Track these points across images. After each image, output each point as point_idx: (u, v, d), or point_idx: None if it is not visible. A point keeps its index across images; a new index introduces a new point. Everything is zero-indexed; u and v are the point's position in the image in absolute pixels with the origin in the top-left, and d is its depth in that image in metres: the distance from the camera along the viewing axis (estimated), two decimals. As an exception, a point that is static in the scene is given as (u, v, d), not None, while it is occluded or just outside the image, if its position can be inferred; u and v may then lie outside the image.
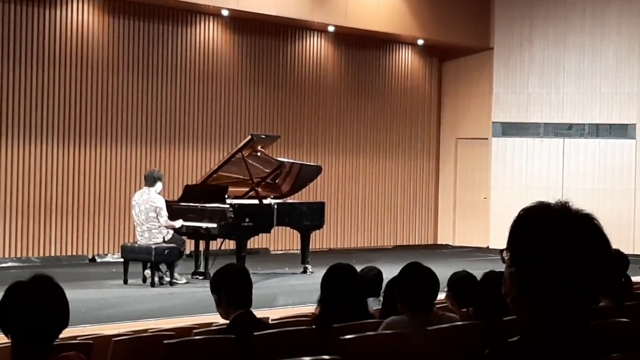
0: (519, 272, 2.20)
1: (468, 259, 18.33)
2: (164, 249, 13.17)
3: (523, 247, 2.20)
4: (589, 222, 2.21)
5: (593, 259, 2.17)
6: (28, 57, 15.60)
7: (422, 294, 5.32)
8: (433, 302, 5.42)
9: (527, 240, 2.20)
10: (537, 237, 2.18)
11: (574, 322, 2.17)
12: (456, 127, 22.01)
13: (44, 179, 15.84)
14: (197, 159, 17.69)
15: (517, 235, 2.23)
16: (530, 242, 2.19)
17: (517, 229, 2.23)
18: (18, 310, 3.28)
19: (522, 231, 2.21)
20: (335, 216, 19.69)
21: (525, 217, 2.23)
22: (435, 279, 5.38)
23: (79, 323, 9.09)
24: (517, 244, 2.22)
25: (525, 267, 2.19)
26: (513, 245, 2.23)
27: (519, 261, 2.20)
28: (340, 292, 5.65)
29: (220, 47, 18.08)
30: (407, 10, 19.82)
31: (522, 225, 2.22)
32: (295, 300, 12.05)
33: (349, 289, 5.69)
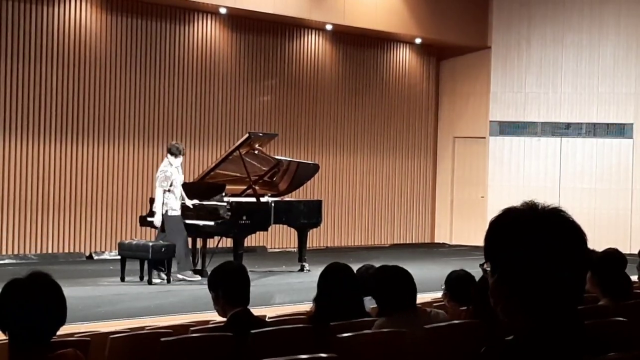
0: (501, 279, 2.21)
1: (465, 257, 18.32)
2: (161, 247, 13.18)
3: (499, 253, 2.22)
4: (557, 216, 2.22)
5: (566, 251, 2.18)
6: (26, 55, 15.59)
7: (400, 294, 5.33)
8: (414, 300, 5.42)
9: (501, 246, 2.22)
10: (510, 240, 2.20)
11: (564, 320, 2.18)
12: (454, 125, 22.02)
13: (41, 176, 15.83)
14: (195, 156, 17.68)
15: (491, 244, 2.24)
16: (505, 246, 2.20)
17: (491, 238, 2.25)
18: (15, 307, 3.28)
19: (494, 238, 2.23)
20: (333, 214, 19.70)
21: (495, 225, 2.25)
22: (409, 278, 5.40)
23: (76, 320, 9.08)
24: (493, 251, 2.23)
25: (505, 272, 2.20)
26: (490, 254, 2.24)
27: (498, 268, 2.22)
28: (336, 291, 5.65)
29: (218, 45, 18.08)
30: (404, 9, 19.82)
31: (494, 233, 2.24)
32: (292, 298, 12.05)
33: (345, 288, 5.69)
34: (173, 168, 13.39)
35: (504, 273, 2.21)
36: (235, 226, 13.49)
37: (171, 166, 13.39)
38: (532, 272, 2.17)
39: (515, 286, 2.19)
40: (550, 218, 2.21)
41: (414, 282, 5.41)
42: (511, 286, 2.20)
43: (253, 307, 5.37)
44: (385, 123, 21.00)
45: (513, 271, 2.19)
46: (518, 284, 2.18)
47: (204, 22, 17.87)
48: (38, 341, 3.27)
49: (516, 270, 2.18)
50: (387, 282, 5.37)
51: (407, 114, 21.49)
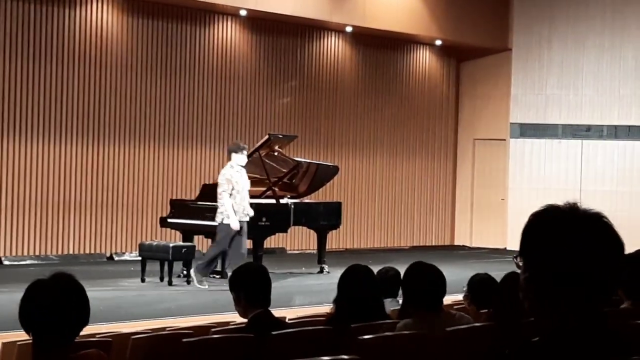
0: (533, 275, 2.21)
1: (485, 260, 18.29)
2: (181, 248, 13.21)
3: (535, 250, 2.22)
4: (598, 220, 2.22)
5: (603, 256, 2.18)
6: (48, 57, 15.66)
7: (428, 293, 5.29)
8: (441, 301, 5.39)
9: (538, 243, 2.21)
10: (547, 238, 2.20)
11: (593, 322, 2.18)
12: (474, 127, 21.97)
13: (62, 177, 15.90)
14: (215, 158, 17.71)
15: (528, 240, 2.24)
16: (541, 244, 2.20)
17: (528, 233, 2.24)
18: (39, 308, 3.30)
19: (532, 234, 2.23)
20: (352, 216, 19.68)
21: (534, 221, 2.24)
22: (441, 278, 5.35)
23: (97, 321, 9.10)
24: (529, 247, 2.23)
25: (538, 269, 2.20)
26: (525, 249, 2.24)
27: (533, 264, 2.22)
28: (356, 293, 5.65)
29: (238, 47, 18.11)
30: (425, 11, 19.79)
31: (532, 229, 2.24)
32: (312, 300, 12.05)
33: (365, 290, 5.69)
34: (234, 171, 13.06)
35: (538, 269, 2.21)
36: (255, 228, 13.49)
37: (232, 168, 13.09)
38: (567, 271, 2.17)
39: (547, 284, 2.19)
40: (591, 221, 2.21)
41: (446, 283, 5.36)
42: (543, 283, 2.20)
43: (273, 309, 5.38)
44: (405, 125, 20.98)
45: (547, 269, 2.19)
46: (550, 281, 2.18)
47: (224, 24, 17.90)
48: (61, 341, 3.29)
49: (551, 268, 2.18)
50: (418, 279, 5.32)
51: (427, 116, 21.46)
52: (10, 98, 15.28)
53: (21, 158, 15.44)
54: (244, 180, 13.10)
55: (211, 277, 13.88)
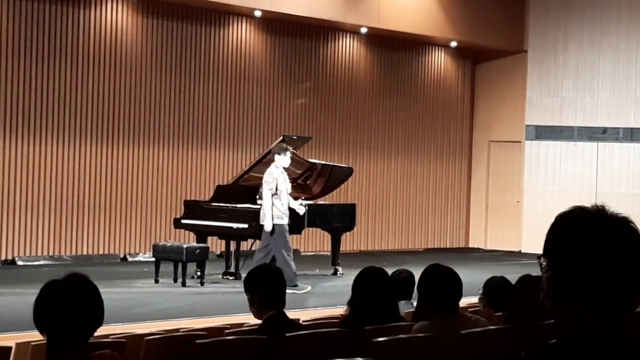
0: (556, 274, 2.20)
1: (500, 263, 18.26)
2: (195, 249, 13.21)
3: (559, 250, 2.21)
4: (624, 224, 2.22)
5: (628, 259, 2.17)
6: (63, 57, 15.70)
7: (444, 295, 5.27)
8: (457, 303, 5.37)
9: (563, 242, 2.21)
10: (573, 238, 2.20)
11: (613, 324, 2.17)
12: (489, 129, 21.93)
13: (77, 177, 15.92)
14: (229, 159, 17.72)
15: (553, 239, 2.24)
16: (566, 244, 2.20)
17: (554, 233, 2.24)
18: (53, 308, 3.29)
19: (558, 234, 2.23)
20: (366, 218, 19.66)
21: (561, 221, 2.24)
22: (457, 280, 5.33)
23: (111, 321, 9.11)
24: (554, 246, 2.23)
25: (561, 269, 2.19)
26: (549, 249, 2.24)
27: (556, 264, 2.21)
28: (370, 295, 5.63)
29: (253, 48, 18.11)
30: (440, 12, 19.76)
31: (559, 229, 2.23)
32: (326, 302, 12.03)
33: (379, 292, 5.67)
34: (279, 172, 13.08)
35: (561, 270, 2.20)
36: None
37: (277, 169, 13.10)
38: (589, 273, 2.16)
39: (567, 284, 2.18)
40: (618, 224, 2.21)
41: (462, 285, 5.34)
42: (564, 283, 2.19)
43: (286, 310, 5.36)
44: (420, 127, 20.95)
45: (570, 269, 2.18)
46: (571, 282, 2.17)
47: (239, 25, 17.91)
48: (75, 342, 3.28)
49: (573, 269, 2.17)
50: (434, 281, 5.30)
51: (442, 118, 21.42)
52: (25, 98, 15.31)
53: (35, 158, 15.48)
54: (286, 183, 13.16)
55: (224, 278, 13.90)
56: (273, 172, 13.06)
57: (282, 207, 13.01)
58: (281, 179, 13.04)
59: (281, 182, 13.01)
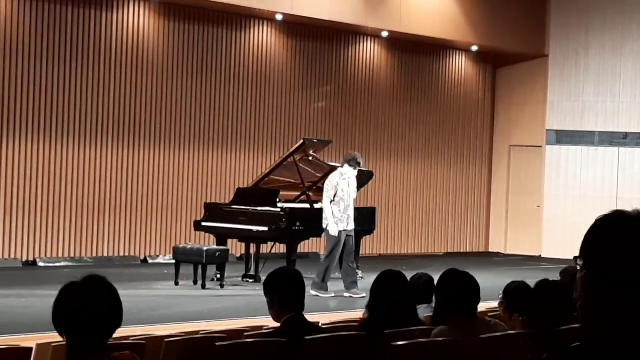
0: (590, 274, 2.21)
1: (520, 267, 18.20)
2: (215, 252, 13.24)
3: (598, 251, 2.22)
4: None
5: None
6: (85, 60, 15.77)
7: (463, 300, 5.26)
8: (475, 308, 5.36)
9: (600, 243, 2.22)
10: (613, 241, 2.20)
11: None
12: (510, 134, 21.88)
13: (97, 180, 15.99)
14: (250, 162, 17.75)
15: (591, 240, 2.25)
16: (606, 246, 2.21)
17: (592, 235, 2.25)
18: (72, 310, 3.30)
19: (596, 235, 2.24)
20: (386, 222, 19.65)
21: (600, 223, 2.25)
22: (474, 285, 5.32)
23: (131, 323, 9.13)
24: (592, 248, 2.23)
25: (599, 270, 2.20)
26: (587, 250, 2.25)
27: (593, 265, 2.21)
28: (389, 299, 5.63)
29: (274, 51, 18.14)
30: (461, 16, 19.74)
31: (597, 231, 2.25)
32: (345, 305, 12.03)
33: (398, 296, 5.67)
34: (342, 179, 13.06)
35: (599, 272, 2.20)
36: (289, 232, 13.49)
37: (341, 176, 13.10)
38: (632, 276, 2.16)
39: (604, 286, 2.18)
40: None
41: (479, 290, 5.33)
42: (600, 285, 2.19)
43: (305, 314, 5.36)
44: (440, 131, 20.92)
45: (610, 272, 2.19)
46: (612, 285, 2.18)
47: (260, 28, 17.94)
48: (95, 344, 3.29)
49: (612, 271, 2.18)
50: (452, 286, 5.30)
51: (462, 122, 21.39)
52: (47, 100, 15.39)
53: (57, 160, 15.55)
54: (350, 189, 13.14)
55: (244, 280, 13.93)
56: (332, 179, 13.12)
57: (338, 214, 13.03)
58: (342, 185, 13.05)
59: (342, 189, 13.03)
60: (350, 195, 13.14)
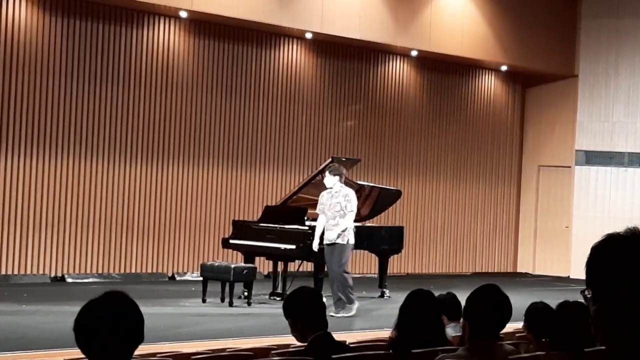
0: (604, 306, 2.16)
1: (548, 288, 18.10)
2: (243, 269, 13.25)
3: (603, 281, 2.16)
4: None
5: None
6: (114, 78, 15.87)
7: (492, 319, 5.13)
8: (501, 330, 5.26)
9: (606, 273, 2.16)
10: (615, 267, 2.15)
11: None
12: (538, 154, 21.79)
13: (126, 196, 16.06)
14: (278, 180, 17.78)
15: (594, 271, 2.19)
16: (609, 274, 2.15)
17: (593, 265, 2.19)
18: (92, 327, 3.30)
19: (598, 265, 2.18)
20: (414, 241, 19.61)
21: (599, 251, 2.20)
22: (507, 306, 5.18)
23: (158, 340, 9.16)
24: (596, 278, 2.18)
25: (609, 300, 2.15)
26: (592, 281, 2.19)
27: (603, 295, 2.17)
28: (418, 318, 5.61)
29: (303, 69, 18.18)
30: (491, 36, 19.72)
31: (598, 260, 2.19)
32: (372, 324, 12.00)
33: (427, 315, 5.65)
34: (325, 191, 13.01)
35: (608, 301, 2.15)
36: (316, 251, 13.47)
37: (325, 188, 13.13)
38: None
39: (619, 315, 2.14)
40: None
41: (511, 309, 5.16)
42: (618, 312, 2.15)
43: (332, 333, 5.35)
44: (469, 150, 20.88)
45: (618, 299, 2.14)
46: (623, 312, 2.13)
47: (289, 46, 18.00)
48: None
49: (622, 299, 2.13)
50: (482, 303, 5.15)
51: (491, 142, 21.34)
52: (76, 117, 15.49)
53: (86, 177, 15.64)
54: (331, 202, 12.93)
55: (271, 298, 13.92)
56: (322, 193, 13.06)
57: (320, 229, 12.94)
58: (324, 199, 12.96)
59: (324, 202, 12.91)
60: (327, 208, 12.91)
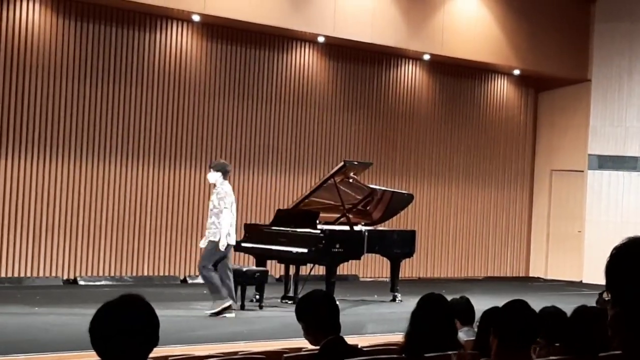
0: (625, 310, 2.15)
1: (560, 292, 18.04)
2: (255, 272, 13.26)
3: (623, 285, 2.15)
4: None
5: None
6: (129, 81, 15.90)
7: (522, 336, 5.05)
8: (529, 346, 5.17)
9: (626, 277, 2.15)
10: (635, 272, 2.13)
11: None
12: (551, 158, 21.75)
13: (138, 200, 16.08)
14: (290, 183, 17.78)
15: (614, 274, 2.18)
16: (629, 278, 2.14)
17: (614, 268, 2.18)
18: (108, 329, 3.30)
19: (619, 269, 2.17)
20: (426, 245, 19.58)
21: (619, 255, 2.18)
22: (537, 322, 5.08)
23: (170, 343, 9.17)
24: (616, 282, 2.17)
25: (628, 304, 2.13)
26: (612, 284, 2.18)
27: (622, 299, 2.15)
28: (430, 322, 5.59)
29: (315, 73, 18.19)
30: (503, 40, 19.69)
31: (618, 263, 2.17)
32: (384, 328, 11.97)
33: (439, 320, 5.63)
34: None
35: (627, 305, 2.14)
36: (329, 254, 13.48)
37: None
38: None
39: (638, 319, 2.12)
40: None
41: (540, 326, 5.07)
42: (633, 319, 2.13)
43: (344, 336, 5.34)
44: (481, 154, 20.85)
45: (637, 303, 2.12)
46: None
47: (301, 50, 18.00)
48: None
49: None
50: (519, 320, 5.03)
51: (504, 146, 21.30)
52: (90, 121, 15.53)
53: (98, 180, 15.66)
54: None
55: (283, 302, 13.92)
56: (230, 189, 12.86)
57: None
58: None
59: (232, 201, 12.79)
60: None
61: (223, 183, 12.77)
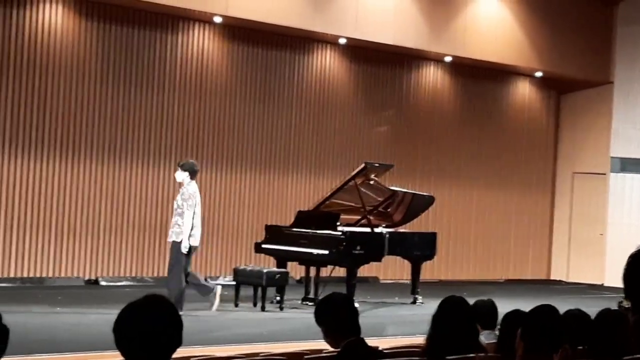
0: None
1: (582, 296, 17.96)
2: (275, 274, 13.27)
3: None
4: None
5: None
6: (149, 83, 15.94)
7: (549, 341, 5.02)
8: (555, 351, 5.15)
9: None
10: None
11: None
12: (573, 161, 21.66)
13: (160, 200, 16.11)
14: (311, 185, 17.78)
15: (632, 282, 2.17)
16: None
17: (631, 276, 2.17)
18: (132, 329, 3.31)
19: (636, 277, 2.16)
20: (447, 247, 19.53)
21: (635, 263, 2.17)
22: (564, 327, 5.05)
23: (190, 344, 9.17)
24: (634, 290, 2.15)
25: None
26: (630, 292, 2.16)
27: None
28: (452, 325, 5.58)
29: (336, 74, 18.18)
30: (525, 42, 19.62)
31: (635, 271, 2.16)
32: (405, 330, 11.95)
33: (461, 322, 5.62)
34: None
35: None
36: (349, 256, 13.47)
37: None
38: None
39: None
40: None
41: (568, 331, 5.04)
42: None
43: (364, 338, 5.33)
44: (503, 156, 20.78)
45: None
46: None
47: (323, 52, 18.00)
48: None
49: None
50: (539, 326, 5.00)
51: (525, 148, 21.23)
52: (112, 122, 15.58)
53: (120, 182, 15.71)
54: None
55: (303, 303, 13.92)
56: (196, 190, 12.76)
57: None
58: None
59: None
60: None
61: (190, 183, 12.71)
